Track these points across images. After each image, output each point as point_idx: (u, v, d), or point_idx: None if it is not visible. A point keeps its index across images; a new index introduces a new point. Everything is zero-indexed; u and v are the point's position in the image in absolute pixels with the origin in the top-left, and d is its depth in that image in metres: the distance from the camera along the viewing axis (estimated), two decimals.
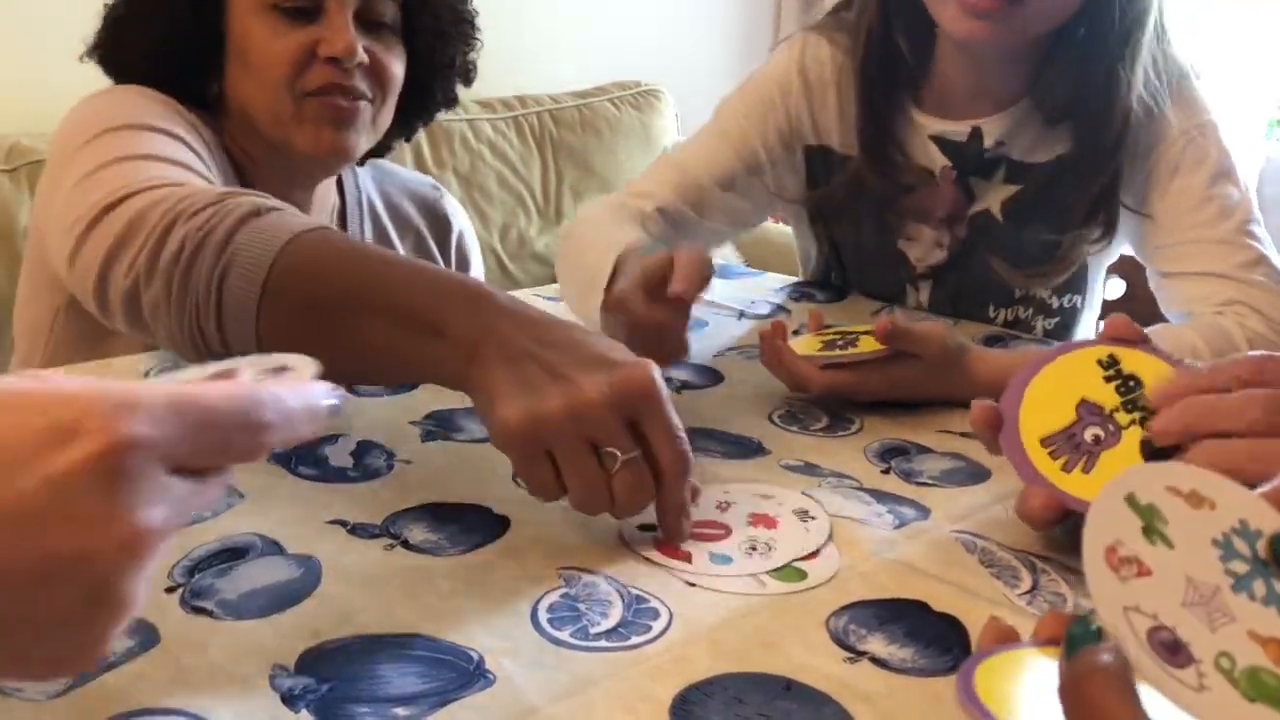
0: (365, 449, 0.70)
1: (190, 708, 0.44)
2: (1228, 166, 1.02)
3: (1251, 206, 1.02)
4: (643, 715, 0.45)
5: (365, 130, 1.04)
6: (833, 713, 0.46)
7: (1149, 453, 0.60)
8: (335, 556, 0.57)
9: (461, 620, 0.51)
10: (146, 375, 0.83)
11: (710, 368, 0.92)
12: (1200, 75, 1.06)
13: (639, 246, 0.89)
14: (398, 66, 1.06)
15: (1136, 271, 1.12)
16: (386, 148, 1.19)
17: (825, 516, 0.63)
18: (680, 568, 0.57)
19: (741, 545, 0.60)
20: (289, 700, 0.45)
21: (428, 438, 0.73)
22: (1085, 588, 0.38)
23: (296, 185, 1.09)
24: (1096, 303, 1.20)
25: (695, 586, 0.56)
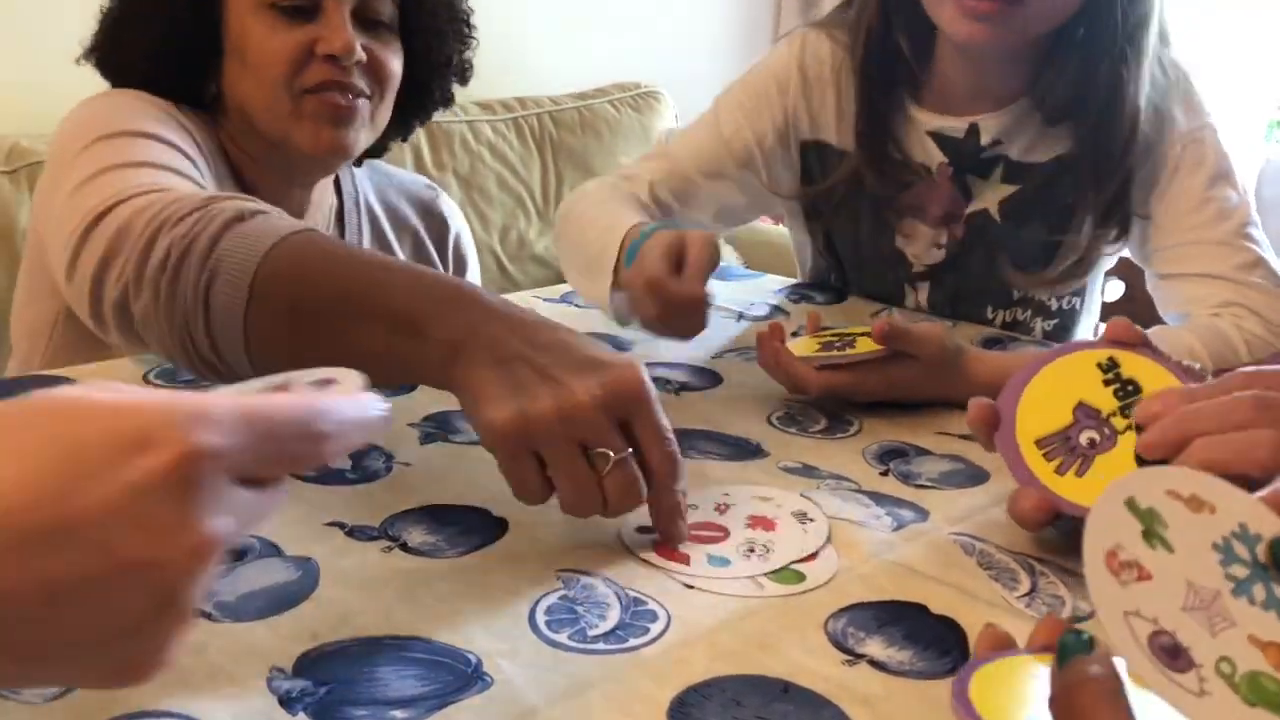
0: (364, 451, 0.70)
1: (188, 710, 0.44)
2: (1226, 169, 1.02)
3: (1250, 209, 1.02)
4: (640, 717, 0.45)
5: (364, 128, 1.04)
6: (831, 715, 0.46)
7: (1144, 459, 0.60)
8: (333, 559, 0.57)
9: (460, 622, 0.51)
10: (146, 376, 0.83)
11: (709, 369, 0.92)
12: (1199, 77, 1.06)
13: (644, 226, 0.92)
14: (396, 64, 1.06)
15: (1135, 273, 1.12)
16: (384, 148, 1.19)
17: (824, 518, 0.63)
18: (678, 570, 0.57)
19: (740, 547, 0.60)
20: (287, 702, 0.45)
21: (426, 440, 0.72)
22: (1084, 590, 0.38)
23: (295, 184, 1.09)
24: (1095, 305, 1.20)
25: (693, 589, 0.56)
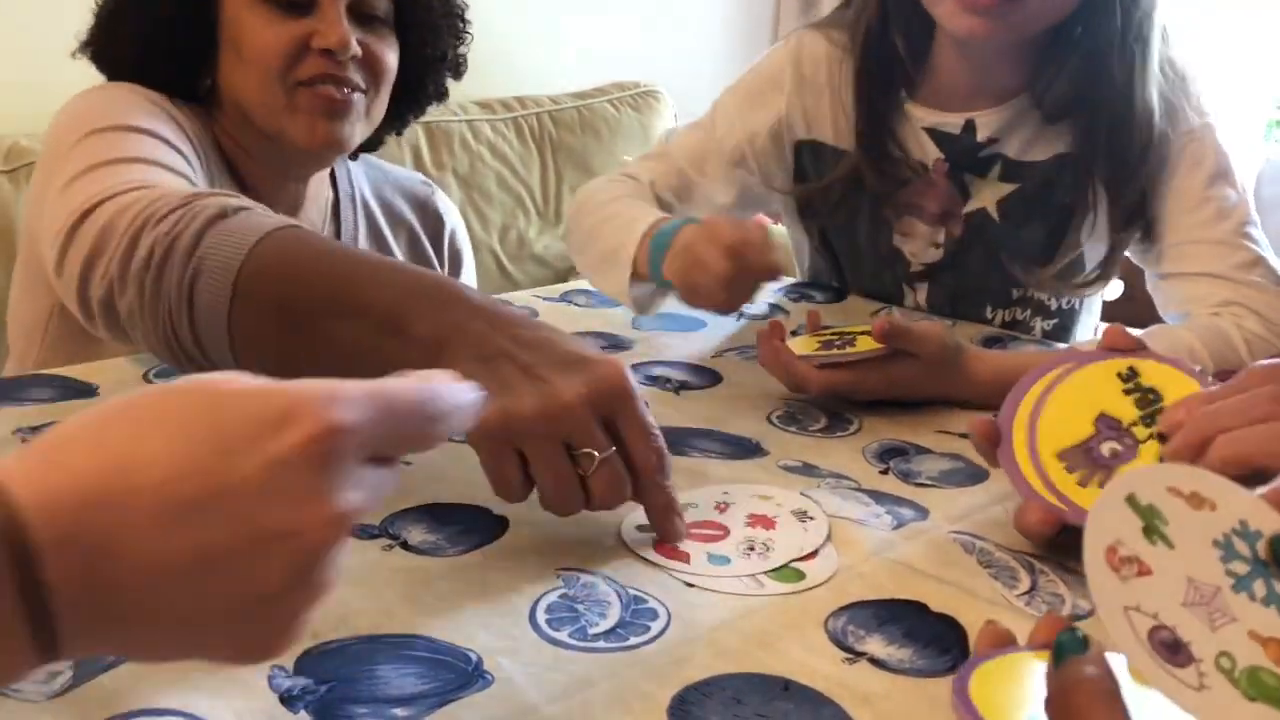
0: None
1: (189, 708, 0.44)
2: (1226, 167, 1.02)
3: (1249, 208, 1.02)
4: (641, 715, 0.45)
5: (359, 122, 1.04)
6: (831, 713, 0.46)
7: None
8: None
9: (460, 621, 0.51)
10: (146, 376, 0.83)
11: (709, 368, 0.92)
12: (1198, 76, 1.06)
13: (668, 221, 0.97)
14: (391, 57, 1.06)
15: (1135, 273, 1.12)
16: (379, 141, 1.19)
17: (824, 517, 0.63)
18: (678, 568, 0.57)
19: (740, 546, 0.60)
20: (287, 701, 0.45)
21: None
22: (1083, 588, 0.38)
23: (290, 178, 1.09)
24: (1096, 305, 1.20)
25: (693, 587, 0.56)
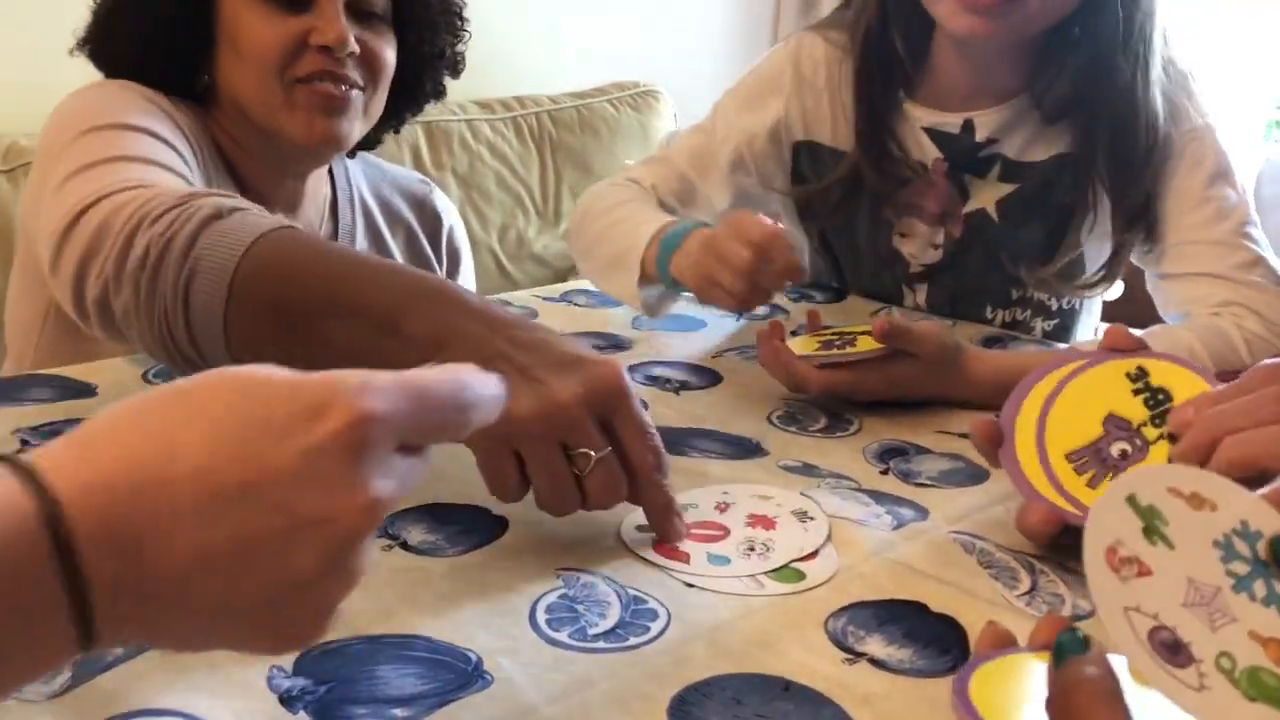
0: None
1: (188, 709, 0.44)
2: (1226, 167, 1.02)
3: (1249, 208, 1.02)
4: (640, 716, 0.45)
5: (357, 119, 1.04)
6: (831, 714, 0.46)
7: None
8: None
9: (460, 621, 0.51)
10: (145, 376, 0.83)
11: (709, 368, 0.92)
12: (1198, 76, 1.06)
13: (678, 224, 0.98)
14: (389, 54, 1.06)
15: (1135, 273, 1.12)
16: (376, 140, 1.18)
17: (824, 517, 0.63)
18: (678, 568, 0.57)
19: (740, 546, 0.60)
20: (287, 701, 0.45)
21: None
22: (1084, 589, 0.38)
23: (287, 175, 1.09)
24: (1096, 305, 1.20)
25: (693, 587, 0.56)
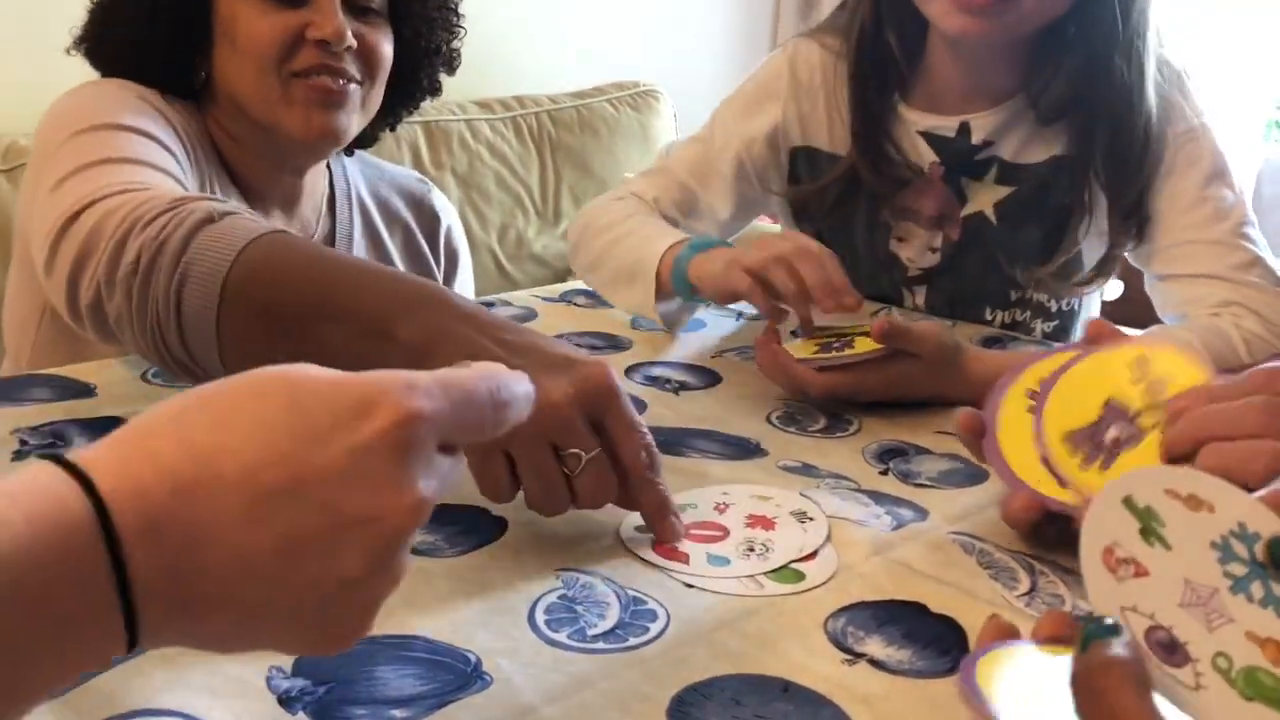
0: None
1: (187, 709, 0.44)
2: (1222, 167, 1.02)
3: (1246, 208, 1.02)
4: (640, 716, 0.45)
5: (355, 113, 1.04)
6: (830, 714, 0.46)
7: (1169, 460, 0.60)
8: None
9: (459, 621, 0.51)
10: (144, 376, 0.83)
11: (708, 368, 0.92)
12: (1197, 77, 1.06)
13: (692, 239, 0.99)
14: (386, 48, 1.05)
15: (1134, 273, 1.12)
16: (374, 138, 1.18)
17: (823, 518, 0.63)
18: (678, 569, 0.57)
19: (739, 546, 0.60)
20: (286, 702, 0.45)
21: None
22: (1083, 589, 0.38)
23: (285, 171, 1.09)
24: (1095, 305, 1.20)
25: (693, 588, 0.56)
